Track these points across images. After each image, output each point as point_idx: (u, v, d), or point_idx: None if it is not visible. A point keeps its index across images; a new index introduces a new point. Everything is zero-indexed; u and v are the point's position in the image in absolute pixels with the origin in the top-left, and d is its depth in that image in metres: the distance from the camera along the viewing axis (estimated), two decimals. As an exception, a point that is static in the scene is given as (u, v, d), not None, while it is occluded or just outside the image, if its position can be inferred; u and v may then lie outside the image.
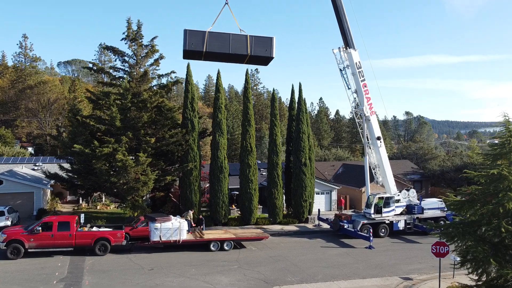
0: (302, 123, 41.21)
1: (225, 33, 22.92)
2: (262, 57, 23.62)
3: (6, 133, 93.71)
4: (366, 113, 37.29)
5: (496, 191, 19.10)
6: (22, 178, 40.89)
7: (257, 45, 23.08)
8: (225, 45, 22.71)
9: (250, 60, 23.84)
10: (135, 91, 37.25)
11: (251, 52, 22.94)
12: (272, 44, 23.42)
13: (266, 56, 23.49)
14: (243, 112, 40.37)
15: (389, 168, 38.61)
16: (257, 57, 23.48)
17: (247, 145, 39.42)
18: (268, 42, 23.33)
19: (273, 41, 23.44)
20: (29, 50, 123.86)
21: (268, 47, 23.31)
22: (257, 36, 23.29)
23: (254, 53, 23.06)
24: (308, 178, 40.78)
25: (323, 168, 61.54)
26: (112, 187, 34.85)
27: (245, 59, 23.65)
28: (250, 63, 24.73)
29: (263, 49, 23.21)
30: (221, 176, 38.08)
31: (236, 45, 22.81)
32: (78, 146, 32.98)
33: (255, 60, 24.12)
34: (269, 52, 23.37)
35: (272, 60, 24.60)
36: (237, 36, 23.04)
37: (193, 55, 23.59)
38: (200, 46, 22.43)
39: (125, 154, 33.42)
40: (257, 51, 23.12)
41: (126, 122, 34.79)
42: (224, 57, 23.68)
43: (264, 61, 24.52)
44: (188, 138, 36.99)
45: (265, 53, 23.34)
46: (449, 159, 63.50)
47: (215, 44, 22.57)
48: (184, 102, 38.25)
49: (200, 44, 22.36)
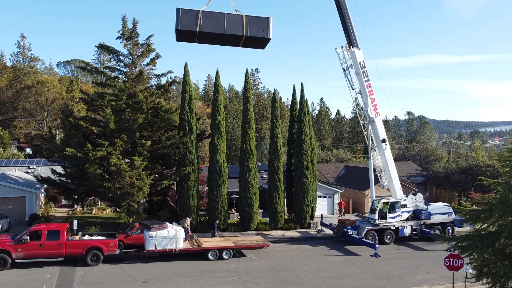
0: (304, 124, 39.77)
1: (219, 12, 21.89)
2: (259, 38, 22.50)
3: (3, 134, 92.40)
4: (371, 114, 35.86)
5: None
6: (14, 182, 39.46)
7: (253, 25, 22.05)
8: (219, 25, 21.67)
9: (246, 42, 22.78)
10: (131, 91, 35.78)
11: (247, 33, 21.90)
12: (269, 24, 22.35)
13: (263, 37, 22.39)
14: (243, 114, 38.96)
15: (395, 171, 37.20)
16: (253, 38, 22.40)
17: (247, 148, 37.99)
18: (264, 22, 22.28)
19: (270, 22, 22.38)
20: (27, 50, 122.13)
21: (265, 28, 22.26)
22: (253, 16, 22.22)
23: (250, 34, 22.02)
24: (310, 182, 39.34)
25: (325, 170, 60.09)
26: (106, 192, 33.41)
27: (241, 41, 22.59)
28: (246, 45, 23.55)
29: (259, 30, 22.17)
30: (220, 180, 36.63)
31: (231, 25, 21.78)
32: (71, 150, 31.53)
33: (251, 42, 22.99)
34: (265, 33, 22.28)
35: (268, 42, 23.34)
36: (232, 15, 21.95)
37: (187, 37, 22.49)
38: (194, 26, 21.35)
39: (119, 157, 31.99)
40: (253, 32, 22.07)
41: (120, 124, 33.33)
42: (218, 38, 22.61)
43: (260, 43, 23.38)
44: (186, 141, 35.54)
45: (261, 34, 22.25)
46: (453, 161, 62.09)
47: (209, 24, 21.54)
48: (182, 103, 36.80)
49: (193, 23, 21.30)
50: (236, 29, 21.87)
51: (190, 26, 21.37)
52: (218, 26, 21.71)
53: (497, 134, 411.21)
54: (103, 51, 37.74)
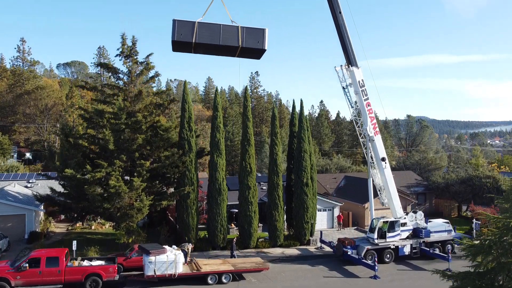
0: (304, 141, 39.70)
1: (215, 23, 21.91)
2: (254, 49, 22.52)
3: (3, 139, 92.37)
4: (370, 133, 35.80)
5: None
6: (13, 199, 39.43)
7: (248, 36, 22.02)
8: (215, 36, 21.69)
9: (242, 52, 22.76)
10: (130, 109, 35.74)
11: (242, 44, 21.87)
12: (265, 35, 22.33)
13: (258, 48, 22.41)
14: (243, 131, 38.87)
15: (394, 190, 37.15)
16: (249, 49, 22.42)
17: (246, 166, 37.92)
18: (260, 33, 22.24)
19: (266, 33, 22.37)
20: (27, 54, 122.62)
21: (260, 39, 22.21)
22: (249, 27, 22.21)
23: (246, 45, 22.00)
24: (310, 199, 39.30)
25: (324, 180, 60.05)
26: (105, 212, 33.39)
27: (237, 52, 22.59)
28: (242, 56, 23.50)
29: (255, 41, 22.14)
30: (219, 198, 36.58)
31: (227, 36, 21.76)
32: (70, 171, 31.49)
33: (247, 52, 22.99)
34: (261, 44, 22.26)
35: (264, 53, 23.42)
36: (228, 27, 21.96)
37: (183, 47, 22.47)
38: (189, 37, 21.38)
39: (118, 178, 31.96)
40: (248, 43, 22.05)
41: (119, 144, 33.29)
42: (214, 49, 22.68)
43: (256, 53, 23.38)
44: (185, 160, 35.49)
45: (257, 45, 22.23)
46: (453, 171, 61.93)
47: (205, 35, 21.55)
48: (181, 121, 36.73)
49: (189, 34, 21.33)
50: (231, 40, 21.91)
51: (186, 37, 21.46)
52: (214, 37, 21.78)
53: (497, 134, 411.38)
54: (102, 69, 37.57)
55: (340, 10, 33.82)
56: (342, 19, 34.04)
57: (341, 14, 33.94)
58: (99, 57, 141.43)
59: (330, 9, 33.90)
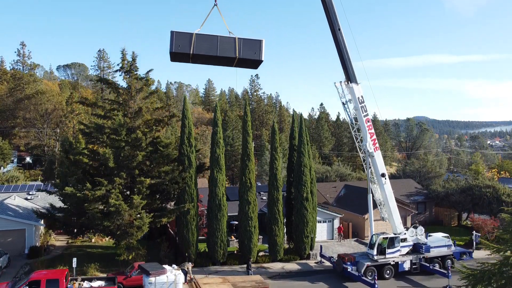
0: (304, 155, 39.71)
1: (213, 35, 22.18)
2: (251, 60, 22.85)
3: (3, 144, 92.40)
4: (370, 149, 35.80)
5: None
6: (14, 213, 39.45)
7: (245, 47, 22.32)
8: (212, 48, 21.99)
9: (239, 63, 23.14)
10: (130, 125, 35.76)
11: (239, 55, 22.20)
12: (261, 47, 22.66)
13: (255, 59, 22.75)
14: (243, 146, 38.82)
15: (394, 205, 37.15)
16: (246, 60, 22.74)
17: (246, 181, 37.90)
18: (257, 45, 22.56)
19: (262, 44, 22.70)
20: (27, 58, 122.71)
21: (257, 50, 22.54)
22: (246, 38, 22.50)
23: (243, 56, 22.33)
24: (310, 213, 39.32)
25: (324, 189, 60.02)
26: (105, 229, 33.40)
27: (234, 62, 22.94)
28: (239, 66, 23.95)
29: (251, 52, 22.45)
30: (219, 214, 36.58)
31: (224, 48, 22.07)
32: (70, 189, 31.53)
33: (244, 63, 23.37)
34: (258, 55, 22.58)
35: (261, 64, 23.77)
36: (225, 38, 22.27)
37: (181, 58, 22.84)
38: (187, 48, 21.67)
39: (118, 196, 32.01)
40: (245, 54, 22.36)
41: (119, 161, 33.31)
42: (212, 59, 22.95)
43: (253, 64, 23.80)
44: (185, 176, 35.50)
45: (253, 56, 22.56)
46: (453, 179, 61.89)
47: (203, 46, 21.86)
48: (181, 137, 36.73)
49: (187, 46, 21.63)
50: (229, 51, 22.17)
51: (183, 48, 21.71)
52: (211, 49, 22.04)
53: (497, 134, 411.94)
54: (102, 85, 37.57)
55: (339, 27, 33.82)
56: (341, 36, 34.03)
57: (340, 31, 33.94)
58: (99, 60, 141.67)
59: (330, 26, 33.89)
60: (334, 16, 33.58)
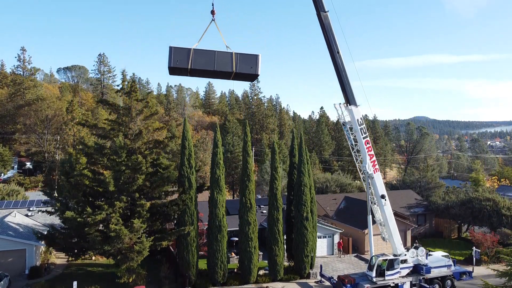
0: (304, 175, 39.79)
1: (210, 50, 22.60)
2: (247, 74, 23.35)
3: (4, 151, 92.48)
4: (369, 170, 35.82)
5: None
6: (14, 232, 39.50)
7: (242, 62, 22.76)
8: (210, 62, 22.46)
9: (236, 77, 23.61)
10: (130, 147, 35.80)
11: (236, 70, 22.62)
12: (258, 61, 23.11)
13: (251, 73, 23.27)
14: (243, 166, 38.83)
15: (395, 226, 37.17)
16: (242, 74, 23.20)
17: (246, 202, 37.96)
18: (253, 59, 23.00)
19: (259, 59, 23.16)
20: (28, 63, 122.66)
21: (254, 65, 22.97)
22: (243, 53, 22.98)
23: (239, 70, 22.74)
24: (310, 232, 39.43)
25: (324, 202, 60.12)
26: (105, 253, 33.49)
27: (231, 76, 23.41)
28: (236, 79, 24.46)
29: (248, 66, 22.88)
30: (219, 236, 36.63)
31: (221, 62, 22.52)
32: (70, 214, 31.60)
33: (241, 77, 23.87)
34: (254, 70, 23.03)
35: (257, 77, 24.39)
36: (223, 53, 22.72)
37: (179, 72, 23.25)
38: (185, 63, 22.18)
39: (118, 220, 32.07)
40: (242, 68, 22.79)
41: (120, 185, 33.36)
42: (209, 73, 23.46)
43: (249, 77, 24.42)
44: (185, 198, 35.55)
45: (250, 70, 23.00)
46: (453, 191, 61.94)
47: (200, 61, 22.34)
48: (181, 158, 36.79)
49: (185, 61, 22.13)
50: (226, 66, 22.57)
51: (181, 63, 22.16)
52: (209, 63, 22.46)
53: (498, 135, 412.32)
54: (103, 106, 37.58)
55: (338, 50, 33.84)
56: (340, 59, 34.05)
57: (339, 54, 33.96)
58: (99, 64, 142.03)
59: (328, 50, 33.92)
60: (333, 40, 33.60)
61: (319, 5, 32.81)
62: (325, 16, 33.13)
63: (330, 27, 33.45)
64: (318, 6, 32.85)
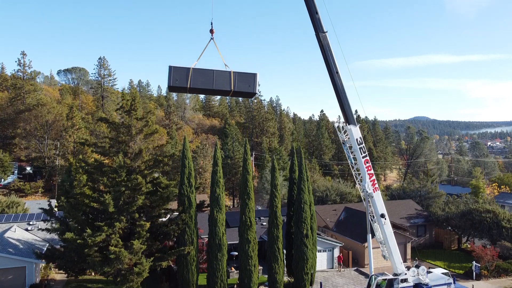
0: (304, 192, 39.82)
1: (209, 69, 23.12)
2: (245, 92, 23.93)
3: (4, 157, 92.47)
4: (369, 190, 35.78)
5: None
6: (14, 249, 39.44)
7: (240, 81, 23.18)
8: (209, 81, 22.92)
9: (234, 94, 24.23)
10: (130, 165, 35.81)
11: (234, 88, 23.11)
12: (255, 80, 23.67)
13: (249, 91, 23.87)
14: (242, 184, 38.79)
15: (395, 245, 37.12)
16: (240, 92, 23.79)
17: (246, 220, 37.94)
18: (251, 78, 23.52)
19: (256, 78, 23.69)
20: (28, 67, 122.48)
21: (251, 83, 23.54)
22: (241, 72, 23.43)
23: (237, 89, 23.27)
24: (310, 249, 39.45)
25: (324, 213, 60.13)
26: (105, 273, 33.49)
27: (229, 94, 24.02)
28: (234, 96, 25.26)
29: (246, 85, 23.36)
30: (219, 254, 36.66)
31: (219, 81, 22.96)
32: (70, 235, 31.62)
33: (239, 94, 24.57)
34: (252, 88, 23.63)
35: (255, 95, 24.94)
36: (221, 72, 23.18)
37: (178, 90, 23.75)
38: (184, 82, 22.64)
39: (118, 241, 32.11)
40: (240, 87, 23.29)
41: (119, 206, 33.38)
42: (208, 91, 24.28)
43: (247, 95, 25.00)
44: (185, 218, 35.57)
45: (248, 89, 23.55)
46: (453, 202, 61.94)
47: (199, 80, 22.77)
48: (181, 177, 36.81)
49: (184, 80, 22.59)
50: (224, 84, 22.97)
51: (181, 82, 22.58)
52: (208, 82, 22.89)
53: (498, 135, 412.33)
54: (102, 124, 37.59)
55: (337, 70, 33.79)
56: (339, 79, 33.99)
57: (338, 74, 33.91)
58: (100, 68, 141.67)
59: (327, 70, 33.87)
60: (331, 60, 33.54)
61: (317, 26, 32.76)
62: (324, 36, 33.08)
63: (329, 47, 33.41)
64: (317, 27, 32.81)
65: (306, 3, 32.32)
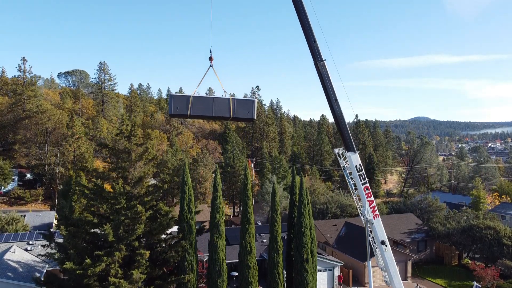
0: (304, 216, 39.72)
1: (208, 97, 23.79)
2: (244, 118, 24.36)
3: (4, 164, 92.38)
4: (369, 216, 35.64)
5: None
6: (13, 273, 39.40)
7: (239, 107, 23.60)
8: (208, 108, 23.33)
9: (233, 120, 24.58)
10: (130, 192, 35.65)
11: (233, 115, 23.54)
12: (254, 106, 24.14)
13: (248, 117, 24.27)
14: (243, 209, 38.74)
15: (395, 270, 36.88)
16: (239, 118, 24.23)
17: (246, 245, 37.87)
18: (249, 104, 24.04)
19: (254, 104, 24.25)
20: (28, 73, 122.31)
21: (250, 109, 23.96)
22: (239, 99, 23.97)
23: (236, 115, 23.73)
24: (310, 273, 39.36)
25: (324, 228, 60.02)
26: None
27: (228, 119, 24.33)
28: (233, 121, 26.12)
29: (244, 111, 23.77)
30: (219, 281, 36.58)
31: (219, 108, 23.36)
32: (70, 265, 31.49)
33: (238, 120, 24.93)
34: (250, 114, 24.05)
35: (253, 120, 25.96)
36: (220, 99, 23.59)
37: (179, 116, 24.30)
38: (185, 110, 23.15)
39: (118, 271, 31.99)
40: (239, 113, 23.73)
41: (119, 235, 33.25)
42: (208, 117, 24.45)
43: (246, 120, 25.39)
44: (185, 245, 35.45)
45: (246, 115, 23.99)
46: (453, 218, 61.80)
47: (199, 107, 23.21)
48: (181, 203, 36.71)
49: (184, 108, 23.07)
50: (223, 111, 23.38)
51: (181, 110, 23.13)
52: (207, 109, 23.31)
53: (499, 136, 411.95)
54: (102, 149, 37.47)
55: (335, 97, 33.56)
56: (338, 106, 33.76)
57: (337, 101, 33.71)
58: (100, 72, 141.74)
59: (326, 97, 33.65)
60: (330, 87, 33.31)
61: (316, 54, 32.57)
62: (322, 65, 32.86)
63: (327, 75, 33.20)
64: (315, 55, 32.63)
65: (304, 32, 32.10)
